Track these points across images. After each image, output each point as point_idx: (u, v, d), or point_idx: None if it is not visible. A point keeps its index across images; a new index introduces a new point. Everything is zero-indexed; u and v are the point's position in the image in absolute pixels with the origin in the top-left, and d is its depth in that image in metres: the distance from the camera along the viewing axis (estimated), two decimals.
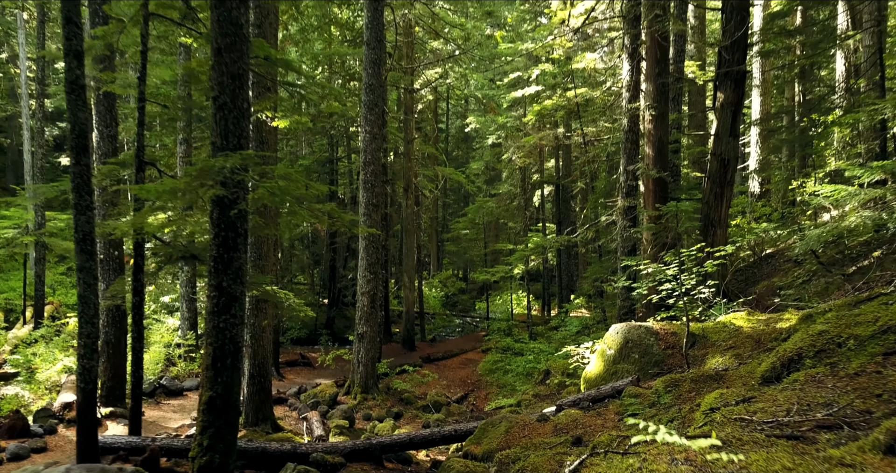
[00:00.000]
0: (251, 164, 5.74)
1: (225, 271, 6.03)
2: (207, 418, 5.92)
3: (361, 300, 14.08)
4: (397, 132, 23.42)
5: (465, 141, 45.29)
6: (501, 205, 28.21)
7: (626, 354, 7.77)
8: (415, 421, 13.51)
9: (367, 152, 13.93)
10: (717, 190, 11.62)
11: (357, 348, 14.12)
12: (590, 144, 20.46)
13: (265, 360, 10.95)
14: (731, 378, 5.76)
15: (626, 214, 12.45)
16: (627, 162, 12.51)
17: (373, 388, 14.15)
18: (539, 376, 15.42)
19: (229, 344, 6.02)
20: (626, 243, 12.40)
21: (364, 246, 13.99)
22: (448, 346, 23.16)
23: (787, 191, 22.36)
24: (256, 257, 10.80)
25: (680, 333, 7.71)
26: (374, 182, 13.94)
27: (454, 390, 16.67)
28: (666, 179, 12.02)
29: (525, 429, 6.55)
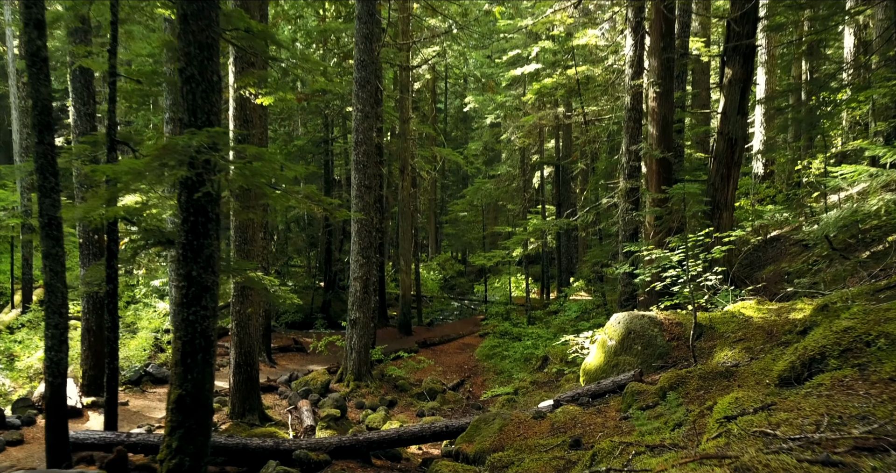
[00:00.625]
0: (221, 142, 5.24)
1: (195, 259, 5.55)
2: (177, 418, 5.49)
3: (354, 286, 13.63)
4: (393, 112, 22.80)
5: (463, 121, 44.59)
6: (500, 187, 27.67)
7: (628, 345, 7.33)
8: (409, 410, 13.14)
9: (359, 132, 13.39)
10: (724, 171, 11.12)
11: (350, 334, 13.70)
12: (591, 124, 19.89)
13: (252, 348, 10.53)
14: (744, 376, 5.31)
15: (628, 196, 11.95)
16: (630, 142, 11.99)
17: (366, 375, 13.76)
18: (537, 362, 15.03)
19: (200, 338, 5.56)
20: (627, 227, 11.92)
21: (356, 230, 13.50)
22: (445, 330, 22.78)
23: (793, 172, 21.83)
24: (241, 242, 10.33)
25: (685, 323, 7.26)
26: (366, 163, 13.42)
27: (450, 376, 16.29)
28: (670, 159, 11.51)
29: (520, 427, 6.12)
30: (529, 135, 24.52)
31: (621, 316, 7.65)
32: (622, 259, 11.87)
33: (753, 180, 21.65)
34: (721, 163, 11.15)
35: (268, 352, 15.78)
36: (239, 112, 10.18)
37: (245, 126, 10.22)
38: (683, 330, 7.20)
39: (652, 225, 11.43)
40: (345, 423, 11.93)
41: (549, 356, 14.71)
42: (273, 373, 14.96)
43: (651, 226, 11.46)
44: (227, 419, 10.52)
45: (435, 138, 35.73)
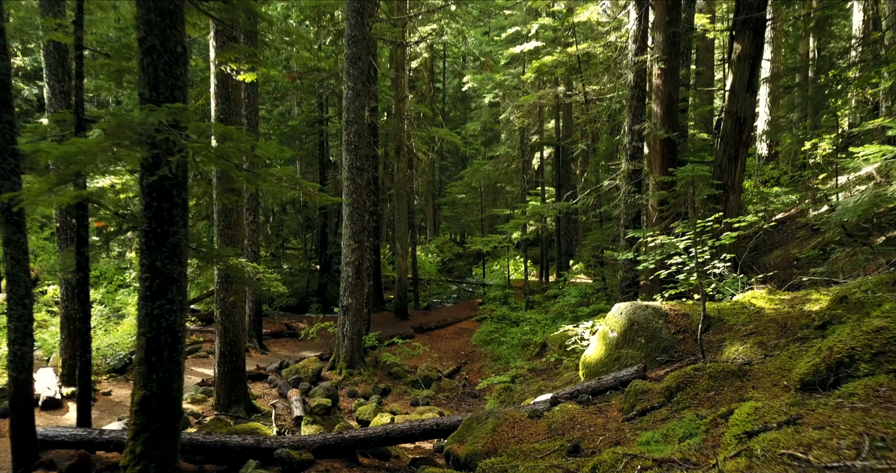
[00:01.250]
0: (184, 119, 4.73)
1: (159, 248, 5.08)
2: (141, 421, 5.05)
3: (346, 271, 13.17)
4: (388, 91, 22.19)
5: (462, 101, 43.86)
6: (499, 168, 27.09)
7: (630, 338, 6.88)
8: (403, 398, 12.76)
9: (351, 111, 12.84)
10: (731, 152, 10.62)
11: (342, 320, 13.28)
12: (592, 104, 19.30)
13: (237, 337, 10.10)
14: (758, 376, 4.87)
15: (631, 178, 11.45)
16: (633, 121, 11.45)
17: (359, 363, 13.36)
18: (535, 349, 14.65)
19: (166, 335, 5.11)
20: (629, 210, 11.43)
21: (348, 213, 13.01)
22: (442, 314, 22.39)
23: (799, 153, 21.29)
24: (225, 226, 9.85)
25: (692, 315, 6.81)
26: (357, 143, 12.89)
27: (446, 362, 15.91)
28: (675, 139, 10.99)
29: (515, 427, 5.69)
30: (529, 115, 23.92)
31: (623, 307, 7.20)
32: (624, 245, 11.40)
33: (758, 162, 21.12)
34: (728, 143, 10.64)
35: (259, 338, 15.38)
36: (221, 90, 9.64)
37: (228, 105, 9.69)
38: (690, 322, 6.75)
39: (655, 208, 10.95)
40: (336, 413, 11.55)
41: (547, 343, 14.32)
42: (264, 360, 14.57)
43: (654, 209, 10.97)
44: (213, 410, 10.13)
45: (433, 118, 35.08)
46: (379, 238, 22.35)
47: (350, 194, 12.91)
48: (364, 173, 13.04)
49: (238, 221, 9.99)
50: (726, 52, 16.62)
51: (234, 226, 9.93)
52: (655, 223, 10.89)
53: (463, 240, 42.09)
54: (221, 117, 9.66)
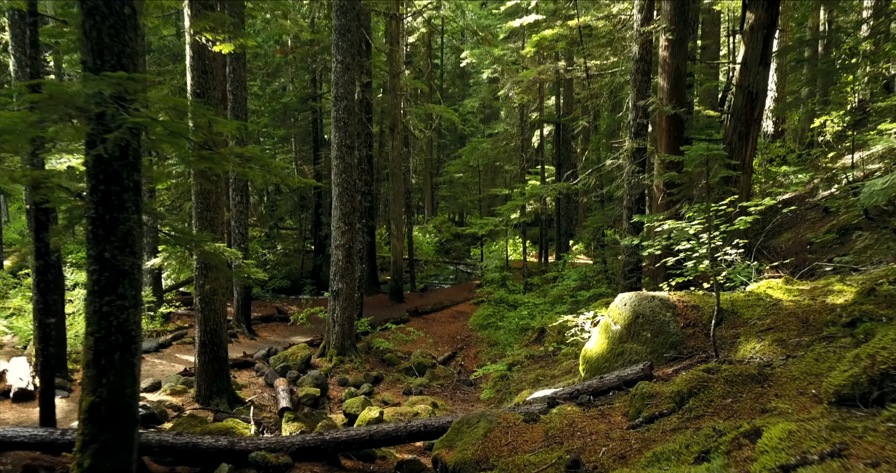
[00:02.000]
0: (130, 91, 4.12)
1: (107, 237, 4.51)
2: (90, 430, 4.52)
3: (336, 254, 12.61)
4: (384, 66, 21.42)
5: (461, 77, 42.97)
6: (498, 146, 26.36)
7: (635, 331, 6.34)
8: (395, 386, 12.29)
9: (340, 86, 12.17)
10: (742, 129, 10.00)
11: (332, 306, 12.75)
12: (594, 79, 18.57)
13: (218, 325, 9.57)
14: (781, 382, 4.33)
15: (635, 157, 10.82)
16: (637, 97, 10.79)
17: (350, 349, 12.87)
18: (533, 334, 14.16)
19: (117, 334, 4.56)
20: (633, 191, 10.83)
21: (337, 194, 12.41)
22: (439, 297, 21.89)
23: (807, 131, 20.61)
24: (203, 209, 9.25)
25: (703, 307, 6.26)
26: (347, 120, 12.24)
27: (442, 347, 15.43)
28: (682, 116, 10.35)
29: (508, 433, 5.17)
30: (528, 91, 23.15)
31: (627, 297, 6.64)
32: (627, 227, 10.82)
33: (764, 140, 20.45)
34: (739, 120, 10.01)
35: (247, 323, 14.88)
36: (197, 62, 8.98)
37: (205, 78, 9.03)
38: (700, 315, 6.19)
39: (661, 189, 10.35)
40: (325, 403, 11.09)
41: (546, 329, 13.82)
42: (253, 346, 14.07)
43: (660, 190, 10.37)
44: (193, 402, 9.63)
45: (430, 95, 34.25)
46: (374, 219, 21.77)
47: (339, 174, 12.30)
48: (354, 152, 12.41)
49: (217, 203, 9.39)
50: (737, 24, 15.82)
51: (214, 208, 9.34)
52: (661, 205, 10.30)
53: (462, 220, 41.45)
54: (198, 92, 9.01)
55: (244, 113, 17.25)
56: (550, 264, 26.12)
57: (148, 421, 8.26)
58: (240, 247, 14.58)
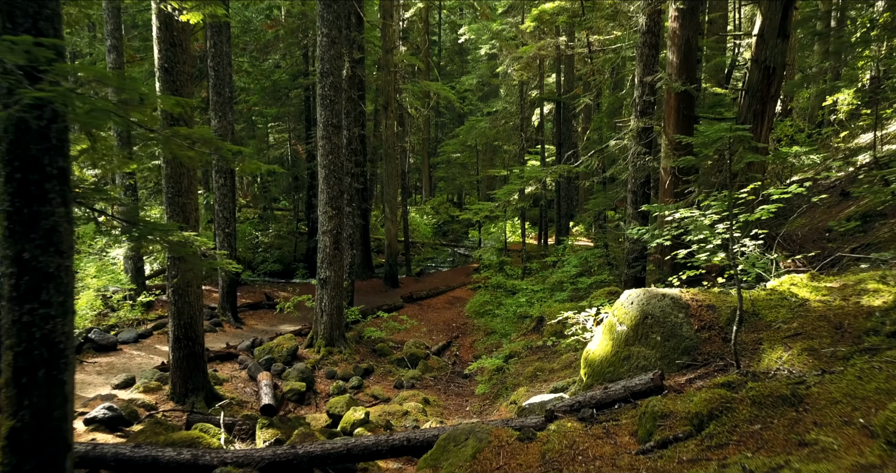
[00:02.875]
0: (43, 59, 3.40)
1: (26, 234, 3.82)
2: (10, 460, 3.87)
3: (323, 240, 11.94)
4: (378, 42, 20.54)
5: (459, 54, 41.95)
6: (497, 125, 25.53)
7: (643, 333, 5.68)
8: (386, 379, 11.70)
9: (325, 61, 11.40)
10: (757, 107, 9.26)
11: (320, 295, 12.11)
12: (596, 54, 17.73)
13: (193, 319, 8.92)
14: (820, 405, 3.67)
15: (641, 137, 10.10)
16: (644, 72, 10.03)
17: (339, 340, 12.25)
18: (531, 323, 13.54)
19: (41, 348, 3.89)
20: (638, 174, 10.12)
21: (324, 176, 11.70)
22: (435, 281, 21.27)
23: (818, 109, 19.82)
24: (174, 194, 8.55)
25: (719, 307, 5.59)
26: (334, 98, 11.48)
27: (436, 336, 14.83)
28: (693, 93, 9.61)
29: (500, 455, 4.54)
30: (528, 68, 22.29)
31: (635, 295, 5.98)
32: (631, 213, 10.14)
33: None
34: (754, 97, 9.27)
35: (233, 311, 14.25)
36: (164, 33, 8.21)
37: (173, 51, 8.27)
38: (716, 316, 5.53)
39: (668, 172, 9.64)
40: (310, 398, 10.50)
41: (545, 317, 13.19)
42: (238, 335, 13.46)
43: (667, 173, 9.66)
44: (168, 400, 9.03)
45: (427, 72, 33.33)
46: (367, 201, 21.05)
47: (326, 155, 11.58)
48: (342, 132, 11.67)
49: (190, 187, 8.69)
50: None
51: (186, 193, 8.64)
52: (668, 189, 9.61)
53: (460, 200, 40.69)
54: (166, 66, 8.26)
55: (230, 90, 16.45)
56: (550, 247, 25.46)
57: (115, 424, 7.66)
58: (224, 232, 13.92)
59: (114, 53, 13.31)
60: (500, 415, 8.87)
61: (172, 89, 8.35)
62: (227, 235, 13.93)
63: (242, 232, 25.17)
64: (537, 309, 13.73)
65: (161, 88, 8.36)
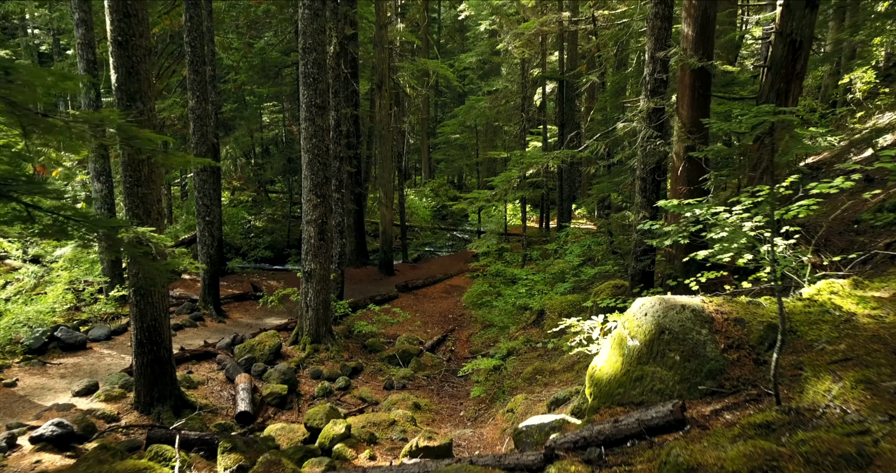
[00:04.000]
0: None
1: None
2: None
3: (307, 231, 11.10)
4: (372, 17, 19.52)
5: (459, 32, 40.73)
6: (497, 105, 24.50)
7: (659, 351, 4.86)
8: (376, 379, 10.94)
9: (308, 35, 10.46)
10: (781, 85, 8.34)
11: (305, 289, 11.31)
12: (602, 30, 16.71)
13: (158, 321, 8.11)
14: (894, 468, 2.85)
15: (651, 119, 9.18)
16: (656, 47, 9.08)
17: (325, 336, 11.48)
18: (531, 316, 12.76)
19: None
20: (648, 159, 9.22)
21: (307, 161, 10.82)
22: (432, 268, 20.47)
23: (832, 88, 18.82)
24: (133, 184, 7.70)
25: (749, 322, 4.76)
26: (317, 75, 10.57)
27: (432, 329, 14.06)
28: (710, 70, 8.67)
29: None
30: (529, 45, 21.23)
31: (649, 305, 5.14)
32: (640, 203, 9.25)
33: None
34: (777, 74, 8.34)
35: (216, 304, 13.46)
36: (117, 2, 7.29)
37: (127, 23, 7.36)
38: (746, 333, 4.70)
39: (681, 157, 8.75)
40: (292, 402, 9.76)
41: (545, 310, 12.42)
42: (220, 331, 12.68)
43: (680, 158, 8.77)
44: (132, 410, 8.26)
45: (427, 50, 32.25)
46: (361, 185, 20.16)
47: (309, 139, 10.70)
48: (326, 113, 10.77)
49: (151, 176, 7.82)
50: None
51: (147, 183, 7.78)
52: (681, 177, 8.73)
53: (461, 182, 39.75)
54: (120, 39, 7.35)
55: (212, 68, 15.53)
56: (552, 231, 24.62)
57: (66, 442, 6.89)
58: (204, 220, 13.08)
59: (82, 28, 12.36)
60: (495, 425, 8.11)
61: (128, 66, 7.45)
62: (209, 223, 13.09)
63: (235, 216, 24.36)
64: (538, 301, 12.93)
65: (115, 65, 7.47)
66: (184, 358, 10.49)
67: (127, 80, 7.52)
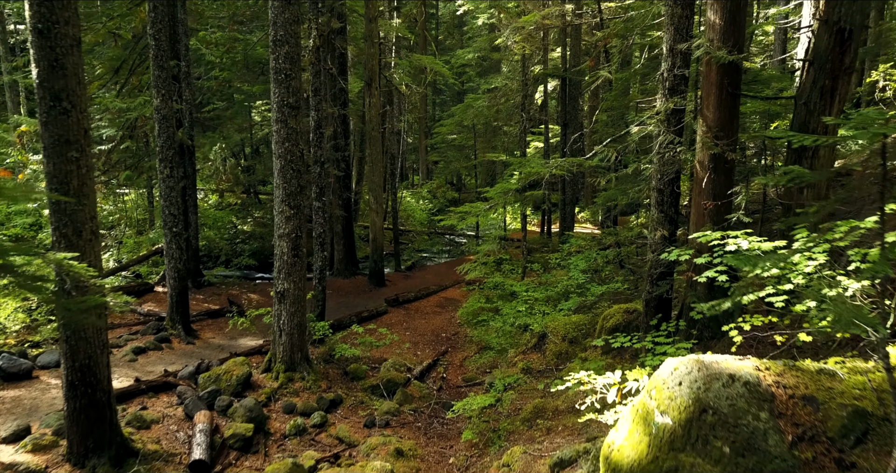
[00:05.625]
0: None
1: None
2: None
3: (280, 246, 9.89)
4: (363, 10, 18.28)
5: (458, 28, 39.52)
6: (496, 104, 23.23)
7: (700, 436, 3.65)
8: (356, 414, 9.72)
9: (278, 25, 9.24)
10: (826, 82, 7.13)
11: (277, 311, 10.09)
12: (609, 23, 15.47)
13: (93, 360, 6.91)
14: None
15: (670, 121, 7.95)
16: (675, 38, 7.85)
17: (301, 363, 10.27)
18: (532, 339, 11.56)
19: None
20: (666, 169, 7.99)
21: (279, 168, 9.61)
22: (427, 277, 19.25)
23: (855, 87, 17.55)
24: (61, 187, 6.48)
25: (825, 402, 3.54)
26: (290, 71, 9.35)
27: (422, 351, 12.85)
28: (740, 64, 7.44)
29: None
30: (530, 40, 19.96)
31: (684, 369, 3.92)
32: (657, 219, 8.02)
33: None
34: (822, 69, 7.13)
35: (184, 322, 12.24)
36: None
37: (48, 7, 6.14)
38: (821, 419, 3.47)
39: (705, 167, 7.51)
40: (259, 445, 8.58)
41: (548, 333, 11.22)
42: (187, 354, 11.46)
43: (704, 168, 7.53)
44: (64, 462, 7.05)
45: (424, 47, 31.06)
46: (349, 190, 18.92)
47: (281, 143, 9.49)
48: (299, 113, 9.55)
49: (83, 188, 6.61)
50: None
51: (78, 194, 6.57)
52: (706, 189, 7.49)
53: (460, 183, 38.46)
54: (40, 27, 6.15)
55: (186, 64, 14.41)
56: (554, 237, 23.40)
57: None
58: (172, 231, 11.87)
59: None
60: None
61: (51, 59, 6.24)
62: (176, 235, 11.87)
63: (221, 220, 23.18)
64: (539, 320, 11.69)
65: (35, 57, 6.26)
66: (138, 391, 9.28)
67: (50, 75, 6.31)
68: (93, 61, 16.59)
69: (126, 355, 10.97)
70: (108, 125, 14.06)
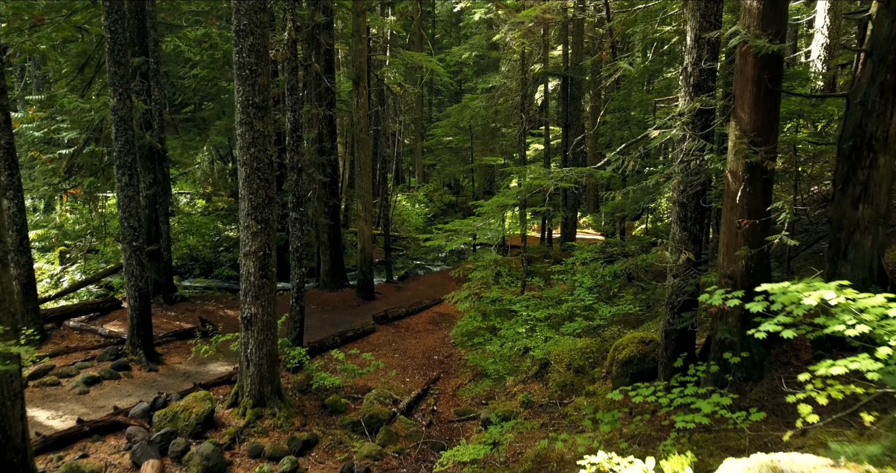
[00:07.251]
0: None
1: None
2: None
3: (246, 265, 8.67)
4: (347, 2, 17.10)
5: (455, 26, 38.32)
6: (494, 104, 22.03)
7: None
8: (332, 457, 8.51)
9: (242, 14, 8.04)
10: (889, 76, 5.93)
11: (245, 338, 8.88)
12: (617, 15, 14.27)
13: (2, 414, 5.70)
14: None
15: (696, 124, 6.75)
16: (702, 26, 6.66)
17: (272, 397, 9.06)
18: (534, 366, 10.39)
19: None
20: (692, 179, 6.78)
21: (244, 177, 8.40)
22: (420, 289, 18.05)
23: None
24: None
25: None
26: (255, 66, 8.14)
27: (412, 377, 11.65)
28: (782, 56, 6.23)
29: None
30: (530, 36, 18.76)
31: None
32: (680, 238, 6.82)
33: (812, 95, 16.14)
34: (883, 62, 5.94)
35: (146, 347, 11.00)
36: None
37: None
38: None
39: (740, 178, 6.30)
40: None
41: (550, 360, 10.03)
42: (147, 384, 10.22)
43: (738, 179, 6.32)
44: None
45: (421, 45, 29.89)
46: (336, 196, 17.68)
47: (245, 148, 8.28)
48: (268, 115, 8.34)
49: None
50: None
51: None
52: (740, 204, 6.28)
53: (458, 186, 37.21)
54: None
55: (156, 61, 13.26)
56: (555, 244, 22.22)
57: None
58: (131, 246, 10.64)
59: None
60: None
61: None
62: (136, 250, 10.64)
63: (205, 227, 21.95)
64: (541, 345, 10.46)
65: None
66: (80, 434, 8.09)
67: None
68: (59, 58, 15.40)
69: (76, 387, 9.74)
70: (69, 128, 12.83)
